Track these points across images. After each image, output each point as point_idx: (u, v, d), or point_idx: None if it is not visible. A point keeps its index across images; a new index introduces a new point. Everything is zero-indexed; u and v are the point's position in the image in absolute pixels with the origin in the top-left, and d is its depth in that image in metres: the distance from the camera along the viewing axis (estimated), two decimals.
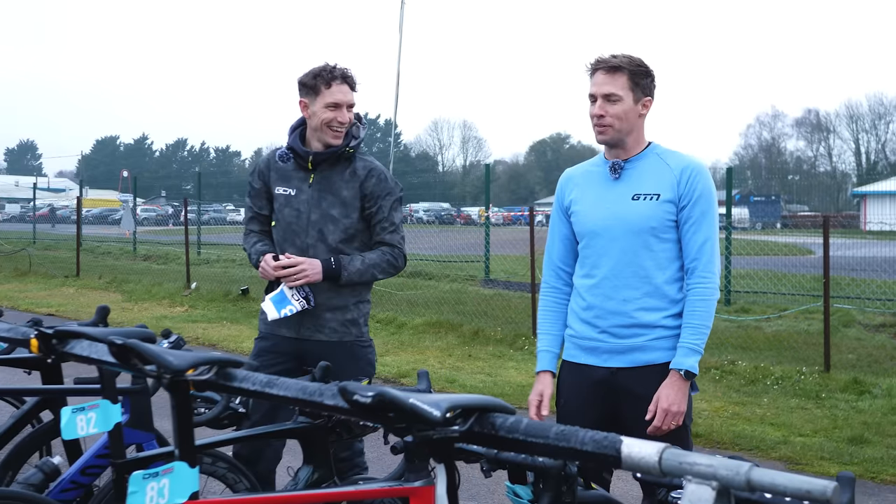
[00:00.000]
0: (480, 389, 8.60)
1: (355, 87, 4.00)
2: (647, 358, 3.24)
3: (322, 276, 3.88)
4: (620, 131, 3.27)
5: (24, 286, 17.91)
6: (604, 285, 3.30)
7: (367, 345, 4.11)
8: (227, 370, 1.89)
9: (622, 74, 3.23)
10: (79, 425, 2.42)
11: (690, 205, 3.21)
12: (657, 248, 3.24)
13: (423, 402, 1.33)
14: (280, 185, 4.08)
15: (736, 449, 6.69)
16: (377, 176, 4.03)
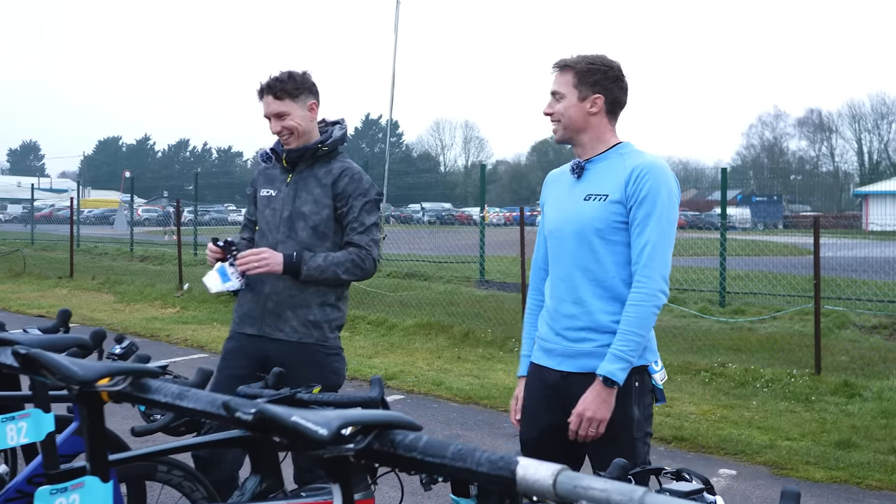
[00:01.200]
0: (467, 392, 8.51)
1: (283, 95, 3.92)
2: (596, 364, 3.13)
3: (282, 268, 3.84)
4: (567, 129, 3.22)
5: (18, 287, 17.84)
6: (559, 287, 3.25)
7: (334, 352, 4.01)
8: (142, 381, 1.81)
9: (568, 72, 3.20)
10: (8, 435, 2.35)
11: (636, 206, 3.11)
12: (603, 249, 3.15)
13: (308, 421, 1.25)
14: (264, 187, 4.11)
15: (721, 453, 6.61)
16: (350, 176, 3.98)
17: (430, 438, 1.33)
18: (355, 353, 10.53)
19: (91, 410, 1.82)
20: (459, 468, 1.26)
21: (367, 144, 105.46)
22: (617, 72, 3.22)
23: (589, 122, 3.20)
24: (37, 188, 46.57)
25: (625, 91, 3.26)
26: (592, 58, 3.21)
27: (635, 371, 3.15)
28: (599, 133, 3.23)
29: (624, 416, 3.14)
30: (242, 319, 4.03)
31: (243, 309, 4.05)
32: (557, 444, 3.27)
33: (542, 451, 3.24)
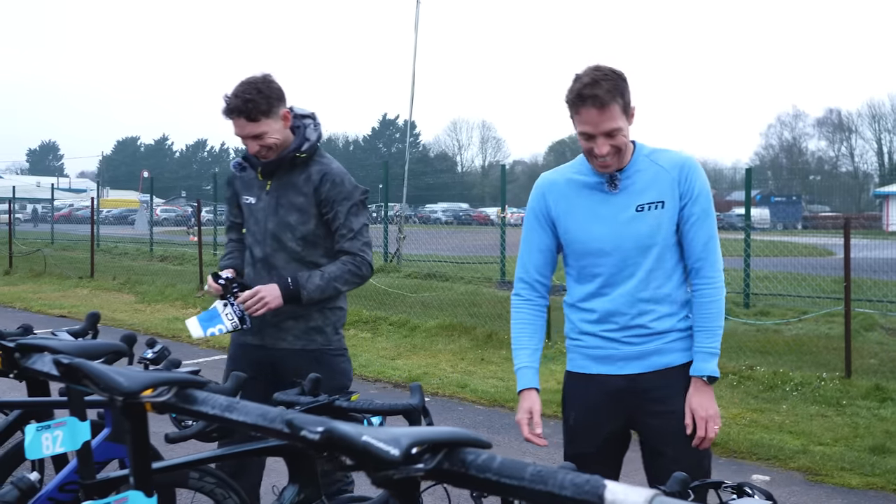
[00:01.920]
0: (493, 394, 8.43)
1: (257, 115, 3.68)
2: (665, 361, 3.10)
3: (283, 300, 3.73)
4: (624, 156, 3.06)
5: (39, 287, 17.89)
6: (616, 300, 3.11)
7: (339, 353, 3.95)
8: (188, 391, 1.73)
9: (614, 105, 2.92)
10: (44, 444, 2.28)
11: (690, 202, 3.05)
12: (668, 257, 3.09)
13: (378, 440, 1.17)
14: (244, 193, 3.98)
15: (753, 458, 6.50)
16: (332, 181, 3.83)
17: (504, 459, 1.24)
18: (378, 355, 10.47)
19: (135, 422, 1.75)
20: (540, 491, 1.17)
21: (384, 144, 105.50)
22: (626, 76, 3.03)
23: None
24: (56, 188, 46.73)
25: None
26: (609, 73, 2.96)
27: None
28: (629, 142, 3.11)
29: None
30: (242, 332, 3.94)
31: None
32: (616, 453, 3.24)
33: (603, 463, 3.16)
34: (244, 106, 3.66)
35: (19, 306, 15.07)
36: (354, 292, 14.49)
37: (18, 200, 44.40)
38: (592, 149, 2.99)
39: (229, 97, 3.71)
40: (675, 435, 3.10)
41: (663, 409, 3.10)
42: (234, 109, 3.68)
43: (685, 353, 3.11)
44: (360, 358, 10.21)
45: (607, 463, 3.20)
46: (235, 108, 3.68)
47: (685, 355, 3.11)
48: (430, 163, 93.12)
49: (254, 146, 3.74)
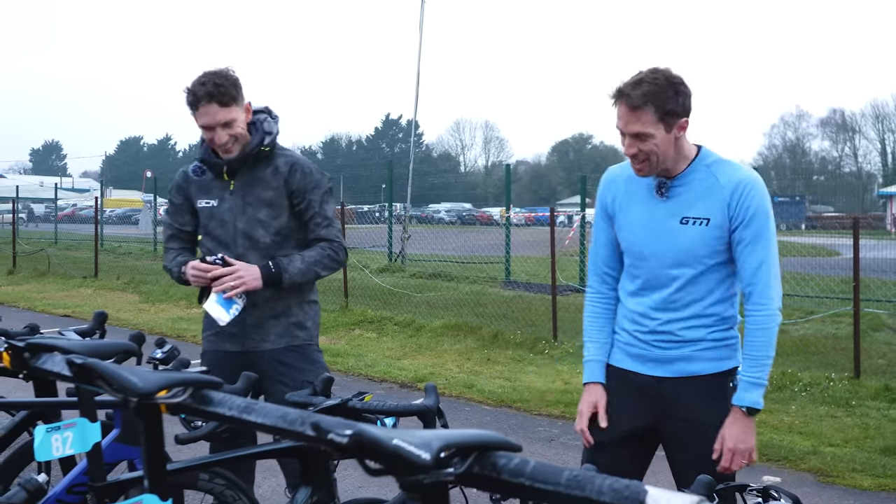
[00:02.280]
0: (499, 394, 8.38)
1: (229, 101, 3.60)
2: (693, 368, 3.05)
3: (262, 282, 3.64)
4: (661, 163, 2.99)
5: (43, 286, 17.85)
6: (650, 305, 3.11)
7: (319, 348, 3.92)
8: (203, 392, 1.69)
9: (646, 110, 2.88)
10: (54, 446, 2.24)
11: (742, 225, 2.96)
12: (706, 274, 3.03)
13: (409, 444, 1.12)
14: (201, 197, 3.82)
15: (764, 460, 6.44)
16: (301, 170, 3.78)
17: (538, 463, 1.20)
18: (383, 355, 10.42)
19: (150, 423, 1.70)
20: (576, 497, 1.13)
21: (387, 144, 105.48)
22: (685, 86, 2.97)
23: (677, 146, 3.00)
24: (59, 188, 46.72)
25: (692, 97, 3.02)
26: (660, 83, 2.90)
27: (730, 373, 3.08)
28: (682, 150, 3.03)
29: (722, 420, 3.04)
30: (219, 337, 3.81)
31: (218, 326, 3.76)
32: (633, 449, 3.19)
33: (616, 454, 3.16)
34: (216, 90, 3.58)
35: (23, 306, 15.04)
36: (359, 293, 14.51)
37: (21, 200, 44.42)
38: (625, 151, 3.00)
39: (196, 86, 3.60)
40: (693, 443, 3.07)
41: (685, 416, 3.07)
42: (207, 95, 3.58)
43: (715, 363, 3.06)
44: (366, 358, 10.17)
45: (621, 457, 3.16)
46: (207, 93, 3.58)
47: (714, 365, 3.06)
48: (434, 163, 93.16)
49: (222, 136, 3.62)
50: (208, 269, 3.64)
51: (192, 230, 3.91)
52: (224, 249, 3.74)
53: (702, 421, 3.04)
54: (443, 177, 73.31)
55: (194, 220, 3.89)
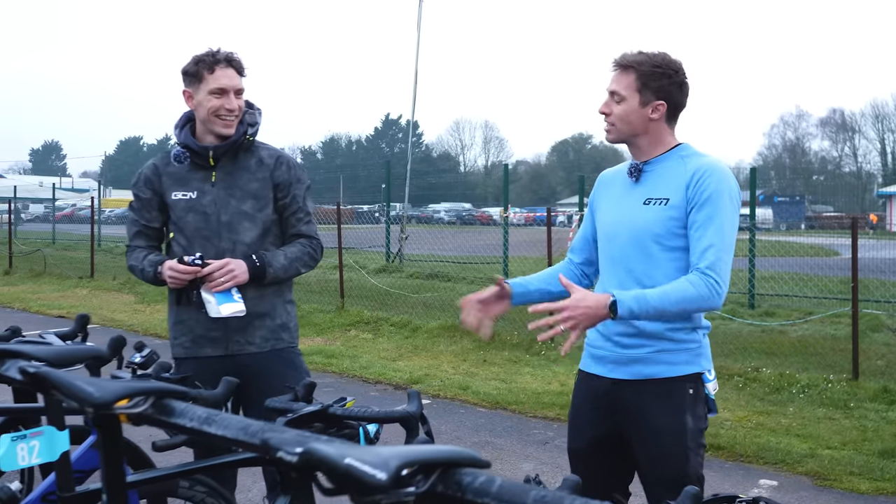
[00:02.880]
0: (495, 396, 8.30)
1: (243, 71, 3.61)
2: (649, 371, 3.01)
3: (248, 276, 3.53)
4: (622, 132, 3.06)
5: (38, 287, 17.78)
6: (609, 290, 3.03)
7: (300, 352, 3.82)
8: (165, 402, 1.61)
9: (630, 73, 2.99)
10: (19, 455, 2.16)
11: (696, 208, 2.92)
12: (661, 256, 2.98)
13: (363, 462, 1.05)
14: (176, 189, 3.64)
15: (760, 463, 6.37)
16: (287, 163, 3.72)
17: (504, 482, 1.12)
18: (379, 356, 10.35)
19: (107, 434, 1.63)
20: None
21: (386, 144, 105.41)
22: (681, 76, 3.04)
23: (648, 126, 3.03)
24: (58, 188, 46.68)
25: (686, 94, 3.08)
26: (658, 59, 3.01)
27: (690, 378, 3.01)
28: (658, 136, 3.05)
29: (677, 424, 2.98)
30: (198, 342, 3.63)
31: (197, 330, 3.62)
32: (606, 456, 3.15)
33: (591, 462, 3.15)
34: (234, 57, 3.59)
35: (18, 306, 14.96)
36: (356, 293, 14.43)
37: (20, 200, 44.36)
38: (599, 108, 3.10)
39: (210, 52, 3.56)
40: (647, 448, 3.02)
41: (638, 420, 3.03)
42: (226, 58, 3.56)
43: (672, 367, 3.00)
44: (361, 359, 10.10)
45: (602, 464, 3.14)
46: (226, 57, 3.56)
47: (671, 368, 2.99)
48: (433, 163, 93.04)
49: (231, 101, 3.54)
50: (188, 270, 3.49)
51: (159, 227, 3.75)
52: (205, 243, 3.60)
53: (654, 426, 2.99)
54: (442, 177, 73.25)
55: (162, 217, 3.72)
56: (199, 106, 3.58)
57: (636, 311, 2.81)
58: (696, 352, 3.02)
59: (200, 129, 3.65)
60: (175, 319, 3.71)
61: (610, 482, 3.14)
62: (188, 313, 3.64)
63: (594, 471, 3.12)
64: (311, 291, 14.56)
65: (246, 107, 3.70)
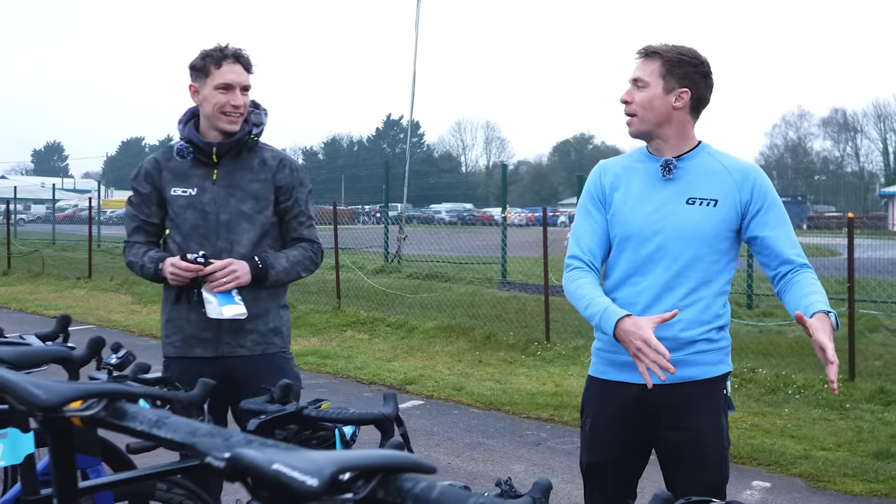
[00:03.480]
0: (489, 397, 8.27)
1: (250, 68, 3.56)
2: (688, 374, 2.90)
3: (250, 277, 3.48)
4: (645, 121, 2.95)
5: (36, 288, 17.75)
6: (646, 294, 2.95)
7: (291, 357, 3.75)
8: (117, 405, 1.57)
9: (655, 60, 2.93)
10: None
11: (763, 210, 2.95)
12: (709, 258, 2.92)
13: (293, 469, 1.01)
14: (176, 185, 3.58)
15: (754, 464, 6.33)
16: (290, 166, 3.67)
17: (445, 488, 1.09)
18: (374, 357, 10.32)
19: (58, 438, 1.59)
20: None
21: (388, 145, 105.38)
22: (706, 67, 2.98)
23: (672, 116, 2.95)
24: (60, 189, 46.72)
25: (711, 89, 3.02)
26: (683, 49, 2.97)
27: (723, 378, 2.97)
28: (682, 129, 2.98)
29: (716, 426, 2.93)
30: (188, 342, 3.57)
31: (188, 330, 3.57)
32: (629, 464, 3.07)
33: (618, 474, 3.06)
34: (242, 53, 3.55)
35: (15, 307, 14.94)
36: (353, 294, 14.40)
37: (22, 201, 44.40)
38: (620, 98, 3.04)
39: (218, 47, 3.52)
40: (691, 453, 2.94)
41: (681, 425, 2.94)
42: (234, 54, 3.51)
43: (711, 368, 2.94)
44: (356, 360, 10.06)
45: (624, 475, 3.07)
46: (234, 53, 3.52)
47: (708, 369, 2.93)
48: (435, 163, 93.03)
49: (237, 97, 3.49)
50: (190, 268, 3.43)
51: (158, 223, 3.67)
52: (203, 241, 3.55)
53: (697, 429, 2.92)
54: (443, 177, 73.22)
55: (161, 212, 3.66)
56: (205, 101, 3.53)
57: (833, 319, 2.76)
58: (725, 350, 2.99)
59: (205, 124, 3.59)
60: (167, 318, 3.66)
61: (625, 490, 3.09)
62: (179, 312, 3.59)
63: (617, 483, 3.06)
64: (308, 292, 14.53)
65: (252, 107, 3.66)
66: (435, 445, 6.66)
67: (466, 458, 6.40)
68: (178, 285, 3.51)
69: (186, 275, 3.43)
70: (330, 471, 1.05)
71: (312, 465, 1.04)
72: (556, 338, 10.71)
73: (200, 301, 3.47)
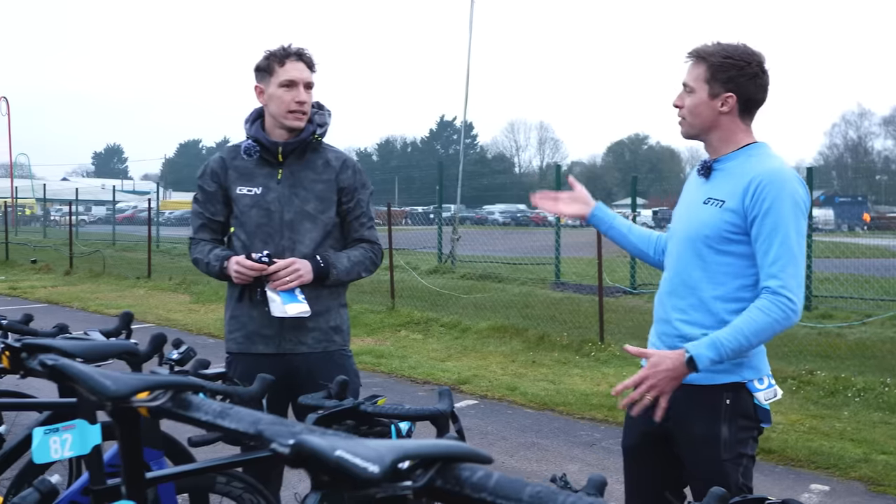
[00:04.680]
0: (542, 397, 8.26)
1: (313, 66, 3.62)
2: (689, 377, 2.88)
3: (312, 276, 3.53)
4: (693, 126, 2.97)
5: (97, 287, 18.11)
6: (661, 289, 3.08)
7: (351, 354, 3.79)
8: (183, 396, 1.62)
9: (701, 64, 2.92)
10: (52, 448, 2.19)
11: (759, 218, 2.81)
12: (710, 259, 2.89)
13: (355, 456, 1.04)
14: (242, 184, 3.63)
15: (811, 467, 6.24)
16: (353, 167, 3.72)
17: (501, 477, 1.11)
18: (428, 356, 10.36)
19: (126, 428, 1.64)
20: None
21: (441, 146, 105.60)
22: (755, 68, 2.90)
23: (718, 121, 2.93)
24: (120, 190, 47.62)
25: (763, 88, 2.94)
26: (730, 50, 2.91)
27: (728, 388, 2.89)
28: (730, 133, 2.95)
29: (710, 434, 2.88)
30: (251, 338, 3.63)
31: (250, 326, 3.63)
32: (655, 453, 3.09)
33: (642, 458, 3.13)
34: (305, 52, 3.61)
35: (77, 306, 15.26)
36: (407, 294, 14.49)
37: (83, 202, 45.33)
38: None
39: (282, 46, 3.59)
40: (684, 454, 2.97)
41: (681, 429, 2.95)
42: (297, 52, 3.58)
43: (709, 375, 2.88)
44: (410, 359, 10.12)
45: (652, 461, 3.10)
46: (298, 51, 3.58)
47: (708, 376, 2.88)
48: (488, 164, 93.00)
49: (301, 94, 3.55)
50: (255, 267, 3.48)
51: (223, 220, 3.72)
52: (267, 240, 3.60)
53: (690, 433, 2.93)
54: (497, 178, 73.14)
55: (226, 210, 3.70)
56: (270, 100, 3.59)
57: (716, 359, 2.75)
58: (735, 361, 2.89)
59: (270, 123, 3.65)
60: (230, 314, 3.74)
61: (661, 480, 3.10)
62: (242, 309, 3.65)
63: (645, 468, 3.12)
64: (363, 292, 14.63)
65: (316, 107, 3.72)
66: (489, 445, 6.68)
67: (520, 458, 6.41)
68: (242, 283, 3.57)
69: (251, 273, 3.49)
70: (390, 458, 1.08)
71: (374, 453, 1.07)
72: (611, 338, 10.67)
73: (264, 299, 3.53)
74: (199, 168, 3.81)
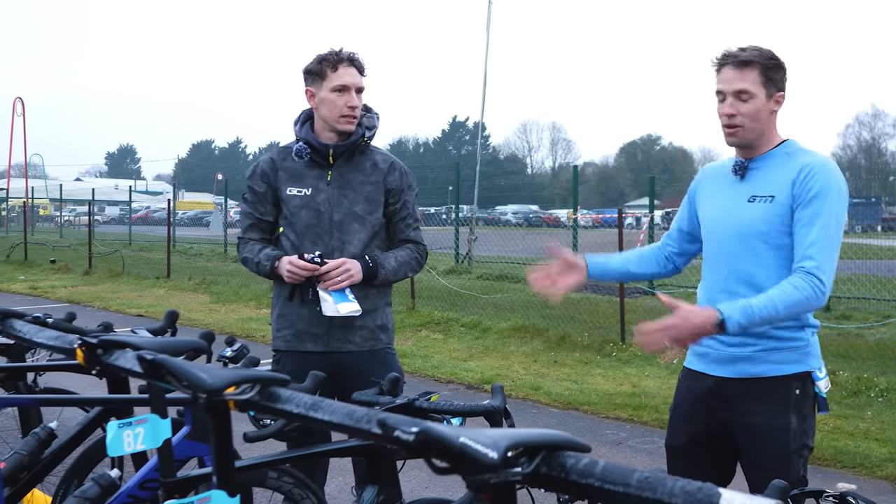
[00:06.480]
0: (566, 397, 8.32)
1: (364, 71, 3.70)
2: (755, 370, 2.98)
3: (361, 276, 3.62)
4: (752, 131, 2.98)
5: (117, 287, 18.23)
6: (713, 289, 3.09)
7: (395, 352, 3.87)
8: (271, 389, 1.69)
9: (753, 69, 2.93)
10: (125, 441, 2.26)
11: (803, 205, 2.88)
12: (766, 254, 2.95)
13: (476, 442, 1.11)
14: (292, 185, 3.71)
15: (838, 466, 6.29)
16: (399, 169, 3.80)
17: (608, 463, 1.18)
18: (450, 356, 10.43)
19: (218, 420, 1.71)
20: (647, 499, 1.10)
21: (454, 147, 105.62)
22: (784, 66, 3.01)
23: (768, 122, 3.00)
24: (133, 191, 47.82)
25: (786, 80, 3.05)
26: (764, 51, 2.98)
27: (797, 377, 2.97)
28: (772, 132, 3.03)
29: (779, 424, 2.96)
30: (300, 336, 3.71)
31: (299, 325, 3.71)
32: (701, 454, 3.14)
33: (688, 459, 3.16)
34: (357, 57, 3.68)
35: (98, 305, 15.37)
36: (426, 294, 14.55)
37: (98, 203, 45.56)
38: (721, 111, 3.00)
39: (333, 51, 3.66)
40: (752, 448, 3.01)
41: (745, 420, 3.01)
42: (349, 57, 3.65)
43: (778, 366, 2.97)
44: (433, 359, 10.18)
45: (698, 461, 3.13)
46: (349, 56, 3.66)
47: (777, 367, 2.97)
48: (500, 164, 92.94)
49: (353, 98, 3.62)
50: (307, 267, 3.56)
51: (272, 221, 3.79)
52: (316, 240, 3.67)
53: (758, 426, 2.98)
54: (510, 179, 73.17)
55: (275, 211, 3.78)
56: (322, 103, 3.67)
57: (745, 325, 2.79)
58: (803, 350, 2.99)
59: (320, 126, 3.73)
60: (279, 313, 3.80)
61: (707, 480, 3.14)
62: (291, 308, 3.72)
63: (691, 468, 3.12)
64: None
65: (364, 110, 3.79)
66: None
67: None
68: (293, 283, 3.64)
69: (303, 273, 3.57)
70: (504, 444, 1.15)
71: (489, 440, 1.14)
72: (632, 339, 10.71)
73: (316, 299, 3.61)
74: (249, 168, 3.90)
